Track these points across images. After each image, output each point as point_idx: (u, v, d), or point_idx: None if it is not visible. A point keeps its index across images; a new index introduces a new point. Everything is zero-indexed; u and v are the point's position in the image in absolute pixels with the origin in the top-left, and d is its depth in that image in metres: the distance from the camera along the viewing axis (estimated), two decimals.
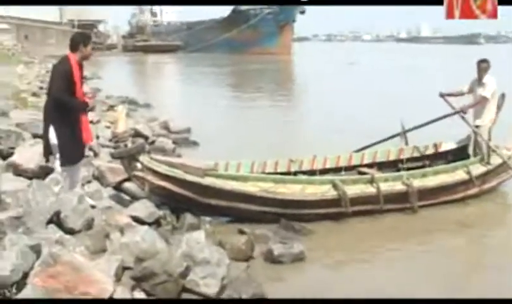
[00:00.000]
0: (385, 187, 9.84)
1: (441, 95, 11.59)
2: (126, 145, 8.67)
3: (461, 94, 11.74)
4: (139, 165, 8.80)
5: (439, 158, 11.91)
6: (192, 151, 15.41)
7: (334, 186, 9.56)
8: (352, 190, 9.60)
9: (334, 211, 9.47)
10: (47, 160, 8.65)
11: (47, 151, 8.42)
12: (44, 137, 8.42)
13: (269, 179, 9.52)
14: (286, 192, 9.27)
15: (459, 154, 11.76)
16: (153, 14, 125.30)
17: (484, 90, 11.18)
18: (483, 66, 11.24)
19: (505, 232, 9.97)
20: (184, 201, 8.95)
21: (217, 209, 9.07)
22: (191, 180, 8.88)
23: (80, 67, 8.29)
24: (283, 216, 9.10)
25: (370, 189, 9.77)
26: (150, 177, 8.80)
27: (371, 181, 9.86)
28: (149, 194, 9.00)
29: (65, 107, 8.04)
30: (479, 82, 11.32)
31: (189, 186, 8.88)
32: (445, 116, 11.54)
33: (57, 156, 8.25)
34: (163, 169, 8.86)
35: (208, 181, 8.98)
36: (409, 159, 11.79)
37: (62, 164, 8.24)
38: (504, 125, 11.50)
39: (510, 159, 11.13)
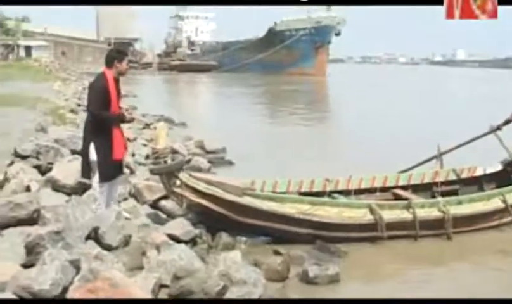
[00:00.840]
0: (421, 213, 9.73)
1: (492, 131, 11.50)
2: (166, 162, 8.69)
3: None
4: (178, 182, 8.81)
5: (473, 182, 11.79)
6: (227, 171, 15.42)
7: (371, 210, 9.50)
8: (389, 215, 9.52)
9: (370, 235, 9.41)
10: (88, 178, 8.66)
11: (87, 169, 8.46)
12: (84, 154, 8.49)
13: (306, 201, 9.47)
14: (323, 214, 9.22)
15: (496, 179, 11.64)
16: (188, 36, 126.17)
17: None
18: None
19: None
20: (221, 219, 8.94)
21: (253, 228, 9.04)
22: (229, 198, 8.87)
23: (116, 82, 8.37)
24: (319, 238, 9.07)
25: (406, 215, 9.68)
26: (188, 194, 8.80)
27: (408, 207, 9.79)
28: (187, 212, 9.04)
29: (102, 122, 8.13)
30: None
31: (226, 204, 8.87)
32: (481, 136, 11.48)
33: (96, 173, 8.32)
34: (201, 187, 8.85)
35: (246, 200, 8.96)
36: (443, 183, 11.69)
37: (100, 181, 8.30)
38: None
39: None
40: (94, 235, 7.30)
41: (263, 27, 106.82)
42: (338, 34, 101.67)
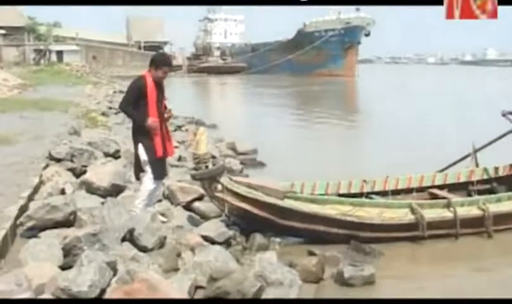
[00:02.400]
0: (461, 211, 9.68)
1: (504, 114, 11.44)
2: (207, 167, 8.69)
3: None
4: (219, 187, 8.79)
5: (510, 180, 11.67)
6: (259, 172, 15.42)
7: (412, 210, 9.45)
8: (429, 214, 9.46)
9: (411, 234, 9.36)
10: (137, 178, 8.87)
11: (138, 169, 8.63)
12: (135, 154, 8.67)
13: (347, 202, 9.42)
14: (364, 215, 9.18)
15: None
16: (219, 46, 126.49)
17: None
18: None
19: None
20: (262, 223, 8.92)
21: (294, 230, 9.03)
22: (270, 202, 8.83)
23: (157, 86, 8.43)
24: (360, 239, 9.04)
25: (447, 214, 9.62)
26: (230, 199, 8.78)
27: (448, 205, 9.72)
28: (224, 214, 9.06)
29: (129, 118, 8.29)
30: None
31: (268, 208, 8.84)
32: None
33: (149, 171, 8.40)
34: (242, 190, 8.82)
35: (287, 203, 8.92)
36: (479, 181, 11.60)
37: (154, 178, 8.42)
38: None
39: None
40: (130, 237, 7.33)
41: (293, 29, 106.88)
42: (367, 35, 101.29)
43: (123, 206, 8.04)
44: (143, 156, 8.33)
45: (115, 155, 12.97)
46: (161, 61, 8.60)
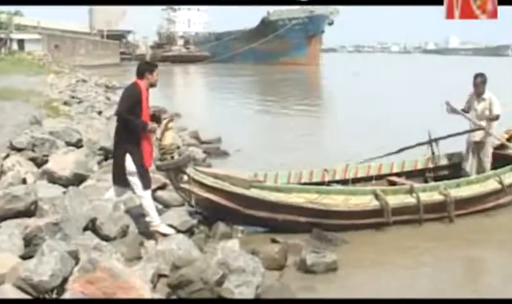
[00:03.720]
0: (424, 197, 9.87)
1: (453, 110, 11.70)
2: (173, 158, 8.60)
3: (466, 111, 11.74)
4: (185, 177, 8.73)
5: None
6: (223, 161, 15.42)
7: (376, 196, 9.58)
8: (393, 200, 9.62)
9: (376, 221, 9.49)
10: (123, 185, 8.37)
11: (123, 178, 8.19)
12: (116, 165, 8.32)
13: (313, 190, 9.48)
14: (330, 202, 9.27)
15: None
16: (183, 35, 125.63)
17: (493, 106, 11.28)
18: (480, 80, 11.25)
19: None
20: (229, 213, 8.92)
21: (261, 220, 9.06)
22: (237, 192, 8.84)
23: (147, 94, 8.32)
24: (326, 226, 9.12)
25: (410, 199, 9.80)
26: (196, 189, 8.75)
27: (411, 191, 9.89)
28: (190, 205, 9.06)
29: (131, 128, 8.05)
30: (478, 97, 11.38)
31: (235, 198, 8.84)
32: (472, 130, 11.56)
33: (138, 183, 8.13)
34: (209, 181, 8.79)
35: (254, 193, 8.93)
36: (435, 168, 11.81)
37: (144, 189, 8.13)
38: None
39: None
40: (92, 226, 7.32)
41: (257, 18, 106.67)
42: (331, 23, 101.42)
43: (85, 196, 8.01)
44: (131, 167, 8.00)
45: (77, 144, 12.88)
46: (153, 65, 8.53)
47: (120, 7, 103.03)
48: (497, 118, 11.27)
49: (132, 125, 7.98)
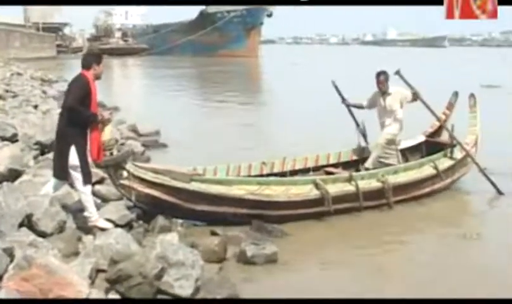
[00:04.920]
0: (363, 184, 10.06)
1: (347, 104, 12.24)
2: (112, 154, 8.46)
3: (361, 107, 12.11)
4: (125, 173, 8.62)
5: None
6: (161, 154, 15.33)
7: (316, 186, 9.66)
8: (333, 189, 9.73)
9: (317, 210, 9.58)
10: (64, 179, 8.25)
11: (65, 171, 8.03)
12: (59, 157, 8.12)
13: (254, 181, 9.56)
14: (271, 193, 9.32)
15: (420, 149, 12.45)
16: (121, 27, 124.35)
17: (402, 94, 11.50)
18: (384, 78, 11.46)
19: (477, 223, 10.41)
20: (170, 208, 8.87)
21: (202, 214, 9.03)
22: (177, 186, 8.79)
23: (94, 84, 8.19)
24: (267, 217, 9.19)
25: (349, 187, 9.95)
26: (136, 185, 8.67)
27: (350, 179, 10.04)
28: (129, 201, 8.95)
29: (80, 120, 7.91)
30: (383, 94, 11.58)
31: (176, 192, 8.80)
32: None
33: (79, 178, 8.00)
34: (149, 176, 8.72)
35: (194, 186, 8.91)
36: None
37: (85, 183, 8.02)
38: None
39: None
40: (28, 223, 7.20)
41: (195, 10, 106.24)
42: (270, 15, 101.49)
43: (20, 191, 7.86)
44: (74, 160, 7.86)
45: (12, 139, 12.61)
46: (100, 56, 8.42)
47: None
48: (415, 94, 11.36)
49: (83, 117, 7.88)
